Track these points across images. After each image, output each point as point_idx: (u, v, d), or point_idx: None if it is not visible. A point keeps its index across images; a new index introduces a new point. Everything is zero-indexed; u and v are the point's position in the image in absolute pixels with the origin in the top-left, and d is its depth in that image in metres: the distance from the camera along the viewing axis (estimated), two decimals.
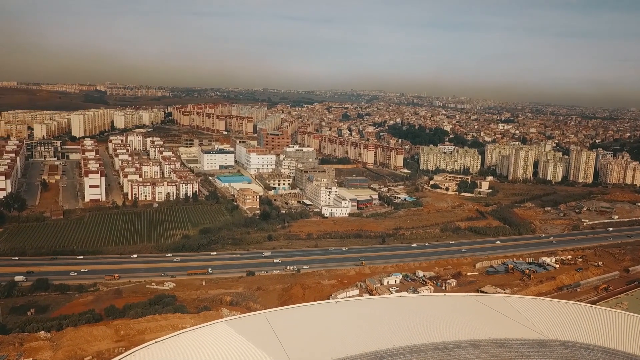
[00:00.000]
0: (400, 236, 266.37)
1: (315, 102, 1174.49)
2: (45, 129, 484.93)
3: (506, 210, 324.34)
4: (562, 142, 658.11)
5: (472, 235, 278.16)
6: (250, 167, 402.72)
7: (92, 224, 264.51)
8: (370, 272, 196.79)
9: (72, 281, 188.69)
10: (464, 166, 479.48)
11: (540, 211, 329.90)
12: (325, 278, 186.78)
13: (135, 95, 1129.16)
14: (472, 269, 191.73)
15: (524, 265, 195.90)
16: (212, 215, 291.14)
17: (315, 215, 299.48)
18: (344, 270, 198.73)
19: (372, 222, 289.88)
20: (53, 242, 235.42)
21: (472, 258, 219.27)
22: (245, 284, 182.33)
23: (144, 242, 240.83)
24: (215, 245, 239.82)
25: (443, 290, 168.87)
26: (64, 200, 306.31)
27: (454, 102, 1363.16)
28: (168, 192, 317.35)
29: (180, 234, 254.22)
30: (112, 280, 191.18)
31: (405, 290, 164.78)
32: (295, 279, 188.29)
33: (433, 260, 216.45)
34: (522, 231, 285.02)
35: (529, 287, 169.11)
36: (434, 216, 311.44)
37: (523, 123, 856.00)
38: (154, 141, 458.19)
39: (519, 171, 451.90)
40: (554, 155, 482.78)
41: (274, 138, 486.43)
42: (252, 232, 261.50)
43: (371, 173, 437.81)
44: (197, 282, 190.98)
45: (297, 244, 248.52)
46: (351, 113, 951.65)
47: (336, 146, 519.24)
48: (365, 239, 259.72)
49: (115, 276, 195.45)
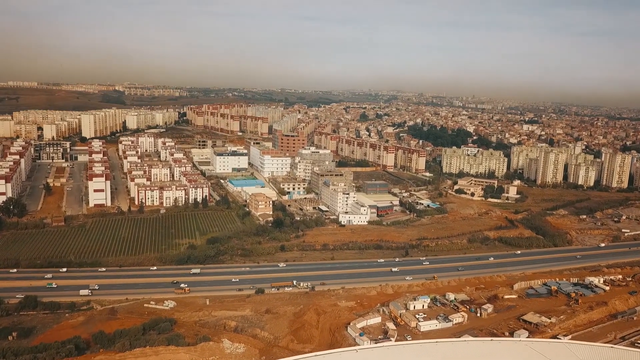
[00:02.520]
0: (425, 247, 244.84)
1: (332, 102, 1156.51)
2: (55, 130, 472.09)
3: (538, 219, 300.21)
4: (590, 143, 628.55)
5: (503, 247, 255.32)
6: (264, 170, 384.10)
7: (94, 232, 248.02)
8: (393, 291, 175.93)
9: (64, 298, 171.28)
10: (489, 169, 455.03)
11: (575, 220, 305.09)
12: (343, 299, 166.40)
13: (153, 96, 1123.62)
14: (509, 291, 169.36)
15: (569, 287, 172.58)
16: (222, 222, 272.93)
17: (332, 223, 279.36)
18: (364, 289, 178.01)
19: (393, 231, 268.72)
20: (50, 251, 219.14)
21: (506, 275, 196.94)
22: (253, 305, 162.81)
23: (146, 253, 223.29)
24: (224, 257, 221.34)
25: (479, 317, 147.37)
26: (68, 205, 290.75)
27: (474, 102, 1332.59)
28: (176, 197, 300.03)
29: (186, 243, 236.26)
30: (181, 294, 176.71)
31: (435, 317, 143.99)
32: (309, 299, 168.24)
33: (463, 278, 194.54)
34: (558, 242, 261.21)
35: (578, 315, 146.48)
36: (459, 225, 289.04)
37: (548, 124, 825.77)
38: (165, 142, 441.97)
39: (548, 175, 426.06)
40: (584, 158, 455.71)
41: (289, 139, 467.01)
42: (264, 241, 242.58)
43: (391, 177, 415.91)
44: (200, 300, 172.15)
45: (311, 255, 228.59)
46: (369, 113, 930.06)
47: (354, 148, 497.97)
48: (387, 250, 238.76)
49: (186, 290, 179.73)
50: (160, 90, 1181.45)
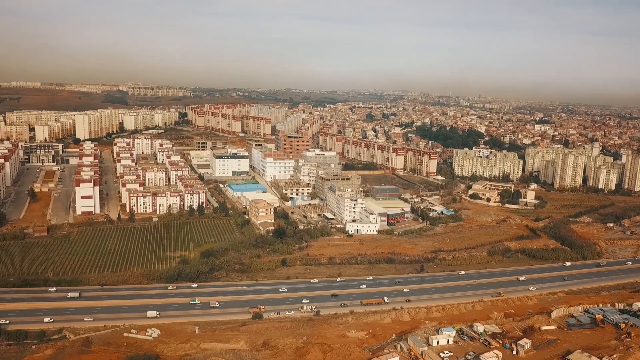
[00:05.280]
0: (441, 261, 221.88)
1: (337, 102, 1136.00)
2: (47, 131, 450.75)
3: (562, 227, 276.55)
4: (606, 144, 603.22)
5: (526, 260, 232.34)
6: (265, 174, 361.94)
7: (79, 243, 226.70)
8: (410, 317, 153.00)
9: (33, 325, 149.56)
10: (504, 172, 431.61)
11: (602, 228, 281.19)
12: (352, 328, 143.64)
13: (156, 96, 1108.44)
14: (547, 319, 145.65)
15: (616, 314, 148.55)
16: (219, 231, 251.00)
17: (339, 232, 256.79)
18: (376, 314, 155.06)
19: (405, 242, 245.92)
20: (27, 266, 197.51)
21: (537, 297, 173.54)
22: (249, 335, 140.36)
23: (133, 268, 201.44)
24: (219, 273, 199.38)
25: (515, 356, 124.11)
26: (54, 213, 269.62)
27: (480, 102, 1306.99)
28: (170, 204, 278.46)
29: (178, 256, 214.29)
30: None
31: (464, 356, 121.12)
32: (314, 327, 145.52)
33: (488, 301, 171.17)
34: (587, 254, 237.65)
35: (634, 353, 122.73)
36: (477, 234, 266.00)
37: (559, 124, 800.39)
38: (162, 144, 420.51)
39: (566, 178, 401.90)
40: (603, 160, 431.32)
41: (293, 141, 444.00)
42: (264, 254, 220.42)
43: (401, 180, 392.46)
44: (189, 328, 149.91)
45: (316, 271, 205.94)
46: (375, 113, 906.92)
47: (361, 149, 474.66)
48: (399, 265, 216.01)
49: (261, 308, 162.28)
50: (164, 90, 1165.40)
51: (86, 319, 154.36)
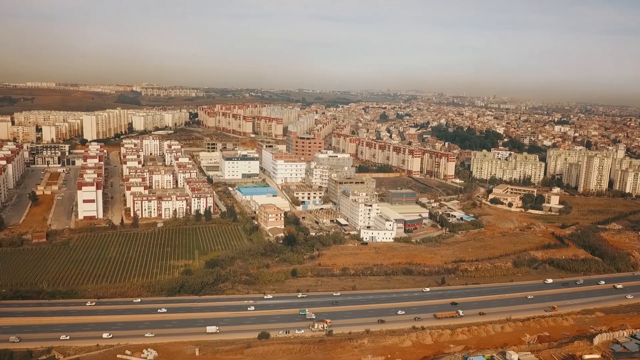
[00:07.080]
0: (463, 272, 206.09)
1: (351, 102, 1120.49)
2: (54, 131, 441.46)
3: (591, 235, 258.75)
4: (630, 146, 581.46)
5: (555, 271, 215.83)
6: (276, 176, 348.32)
7: (78, 251, 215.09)
8: (433, 340, 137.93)
9: (20, 344, 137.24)
10: (524, 175, 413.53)
11: (635, 236, 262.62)
12: (369, 352, 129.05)
13: (169, 96, 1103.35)
14: (589, 346, 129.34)
15: None
16: (226, 238, 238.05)
17: (352, 240, 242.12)
18: (395, 336, 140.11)
19: (424, 250, 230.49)
20: (22, 276, 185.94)
21: (573, 317, 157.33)
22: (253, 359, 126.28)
23: (133, 278, 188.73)
24: (224, 284, 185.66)
25: None
26: (55, 218, 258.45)
27: (495, 102, 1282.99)
28: (176, 208, 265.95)
29: (182, 265, 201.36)
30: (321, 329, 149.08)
31: None
32: (325, 351, 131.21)
33: (518, 320, 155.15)
34: (620, 266, 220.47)
35: None
36: (500, 242, 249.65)
37: (579, 124, 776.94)
38: (171, 145, 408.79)
39: (591, 182, 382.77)
40: (630, 163, 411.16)
41: (305, 142, 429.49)
42: (273, 263, 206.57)
43: (418, 183, 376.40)
44: (189, 349, 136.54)
45: (329, 283, 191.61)
46: (389, 113, 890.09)
47: (375, 151, 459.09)
48: (418, 276, 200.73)
49: (327, 322, 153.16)
50: (177, 90, 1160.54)
51: (78, 336, 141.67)
